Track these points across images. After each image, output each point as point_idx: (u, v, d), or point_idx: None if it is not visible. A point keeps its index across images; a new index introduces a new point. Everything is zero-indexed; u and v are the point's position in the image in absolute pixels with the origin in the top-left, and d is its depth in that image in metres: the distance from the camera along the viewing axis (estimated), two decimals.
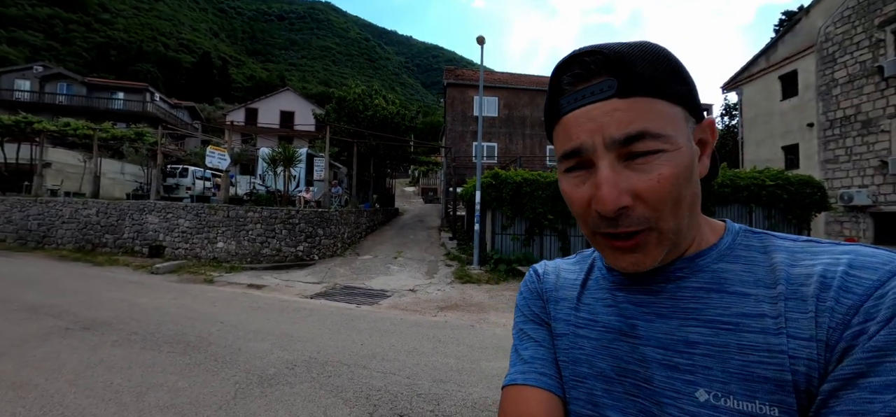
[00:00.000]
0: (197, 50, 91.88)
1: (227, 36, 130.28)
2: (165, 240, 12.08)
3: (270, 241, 11.68)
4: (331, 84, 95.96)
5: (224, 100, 66.61)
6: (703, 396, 0.41)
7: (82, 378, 3.56)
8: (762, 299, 0.42)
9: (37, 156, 16.96)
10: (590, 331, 0.51)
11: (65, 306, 6.09)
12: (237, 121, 33.68)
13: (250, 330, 5.19)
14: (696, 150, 0.46)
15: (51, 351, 4.21)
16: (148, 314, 5.83)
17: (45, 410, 3.00)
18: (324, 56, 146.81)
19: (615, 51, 0.43)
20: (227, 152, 12.98)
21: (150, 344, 4.50)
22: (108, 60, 71.13)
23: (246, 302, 6.96)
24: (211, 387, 3.45)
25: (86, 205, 13.20)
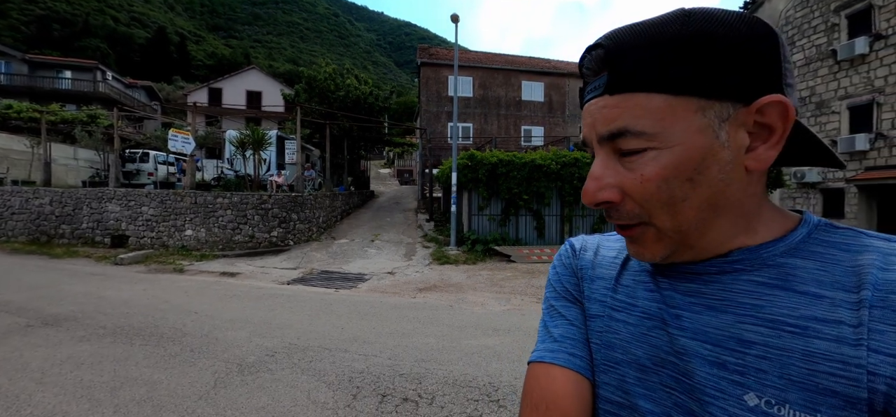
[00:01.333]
0: (151, 24, 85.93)
1: (183, 9, 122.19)
2: (129, 229, 11.53)
3: (242, 228, 11.36)
4: (299, 62, 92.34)
5: (184, 79, 62.96)
6: (752, 400, 0.37)
7: (49, 376, 3.43)
8: (840, 303, 0.37)
9: None
10: (627, 315, 0.48)
11: (22, 302, 5.77)
12: (200, 102, 32.00)
13: (226, 319, 5.10)
14: (736, 140, 0.39)
15: (11, 350, 4.01)
16: (115, 307, 5.61)
17: (12, 411, 2.88)
18: (291, 32, 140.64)
19: (613, 42, 0.41)
20: (191, 135, 12.38)
21: (121, 338, 4.36)
22: (51, 35, 65.49)
23: (220, 291, 6.81)
24: (189, 378, 3.40)
25: (37, 194, 12.35)
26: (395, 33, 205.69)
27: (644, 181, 0.40)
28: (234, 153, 14.29)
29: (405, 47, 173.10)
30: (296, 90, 21.37)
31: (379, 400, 3.04)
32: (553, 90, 24.53)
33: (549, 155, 11.50)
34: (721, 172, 0.40)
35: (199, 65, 77.24)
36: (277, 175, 14.38)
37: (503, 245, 10.85)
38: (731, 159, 0.40)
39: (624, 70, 0.40)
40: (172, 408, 2.92)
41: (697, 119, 0.39)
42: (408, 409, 2.92)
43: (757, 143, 0.40)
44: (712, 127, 0.39)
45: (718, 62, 0.38)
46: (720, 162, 0.39)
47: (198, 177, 13.88)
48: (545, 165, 11.20)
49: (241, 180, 13.47)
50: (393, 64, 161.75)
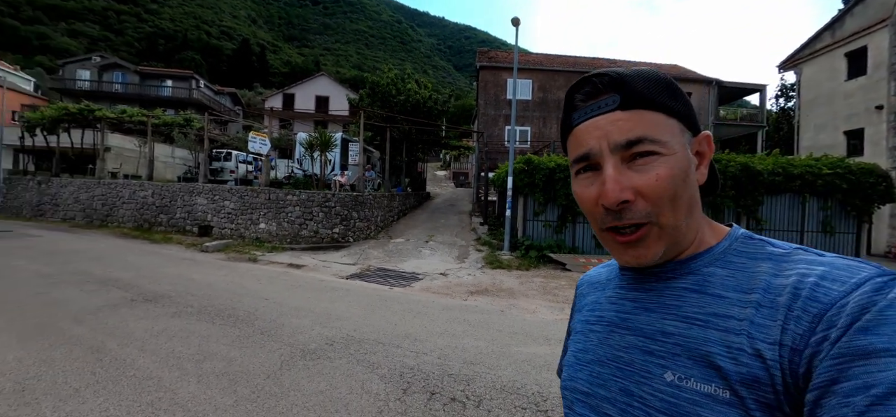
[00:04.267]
0: (237, 37, 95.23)
1: (264, 22, 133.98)
2: (213, 221, 12.89)
3: (308, 223, 12.18)
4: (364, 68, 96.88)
5: (263, 86, 68.91)
6: (669, 377, 0.48)
7: (148, 345, 3.96)
8: (734, 302, 0.47)
9: (98, 141, 18.39)
10: (596, 326, 0.60)
11: (129, 280, 6.70)
12: (275, 107, 34.89)
13: (292, 307, 5.52)
14: (693, 159, 0.53)
15: (120, 320, 4.69)
16: (201, 289, 6.32)
17: (121, 371, 3.38)
18: (357, 40, 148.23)
19: (619, 73, 0.52)
20: (267, 137, 13.55)
21: (205, 317, 4.90)
22: (157, 49, 75.20)
23: (287, 281, 7.38)
24: (259, 358, 3.74)
25: (142, 186, 14.26)
26: (454, 37, 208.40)
27: (659, 179, 0.49)
28: (304, 154, 15.38)
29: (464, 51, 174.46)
30: (360, 95, 22.49)
31: (428, 397, 3.12)
32: None
33: None
34: (693, 179, 0.52)
35: (276, 72, 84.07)
36: (341, 175, 15.23)
37: (558, 252, 10.53)
38: (694, 173, 0.53)
39: (636, 92, 0.50)
40: (245, 383, 3.24)
41: (681, 137, 0.52)
42: (455, 409, 2.96)
43: (700, 164, 0.55)
44: (686, 145, 0.52)
45: (683, 103, 0.53)
46: (692, 171, 0.52)
47: (271, 176, 15.15)
48: None
49: (309, 179, 14.45)
50: (452, 68, 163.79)
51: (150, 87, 33.86)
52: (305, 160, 15.48)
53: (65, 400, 2.90)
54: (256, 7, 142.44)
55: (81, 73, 34.08)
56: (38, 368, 3.39)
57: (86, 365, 3.47)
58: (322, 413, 2.85)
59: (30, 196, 16.76)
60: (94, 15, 79.72)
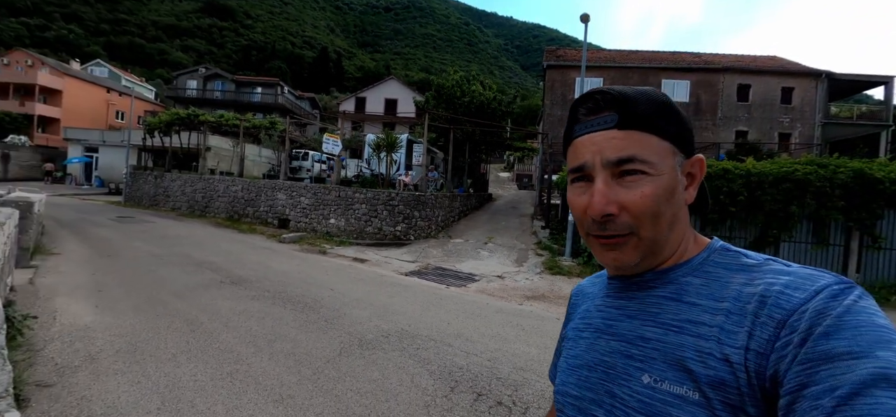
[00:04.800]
0: (317, 45, 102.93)
1: (341, 30, 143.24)
2: (290, 215, 14.11)
3: (373, 220, 12.81)
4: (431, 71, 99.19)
5: (338, 90, 73.71)
6: (646, 379, 0.51)
7: (231, 322, 4.48)
8: (707, 310, 0.51)
9: (201, 141, 21.07)
10: (586, 333, 0.64)
11: (219, 264, 7.60)
12: (348, 110, 37.13)
13: (354, 299, 5.87)
14: (682, 180, 0.57)
15: (211, 298, 5.36)
16: (277, 276, 6.97)
17: (208, 343, 3.87)
18: (425, 43, 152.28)
19: (620, 92, 0.55)
20: (339, 139, 14.50)
21: (279, 301, 5.41)
22: (250, 60, 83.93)
23: (351, 274, 7.84)
24: (321, 343, 4.05)
25: (234, 182, 16.05)
26: (522, 36, 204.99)
27: (643, 197, 0.53)
28: (371, 154, 16.21)
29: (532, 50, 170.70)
30: (426, 97, 23.11)
31: (474, 398, 3.14)
32: (702, 88, 21.28)
33: None
34: (679, 199, 0.56)
35: (350, 77, 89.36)
36: (405, 175, 15.79)
37: None
38: (682, 192, 0.57)
39: (633, 113, 0.54)
40: (307, 364, 3.53)
41: (672, 160, 0.55)
42: (501, 413, 2.95)
43: (689, 185, 0.58)
44: (676, 167, 0.56)
45: (680, 126, 0.57)
46: (679, 191, 0.56)
47: (342, 175, 16.18)
48: None
49: (376, 178, 15.19)
50: (519, 68, 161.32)
51: (243, 94, 37.94)
52: (373, 160, 16.29)
53: (164, 363, 3.40)
54: (335, 16, 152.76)
55: (190, 83, 39.24)
56: (146, 333, 4.01)
57: (182, 335, 4.02)
58: (373, 400, 3.01)
59: (148, 188, 19.72)
60: (202, 32, 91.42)
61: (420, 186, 14.61)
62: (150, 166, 22.34)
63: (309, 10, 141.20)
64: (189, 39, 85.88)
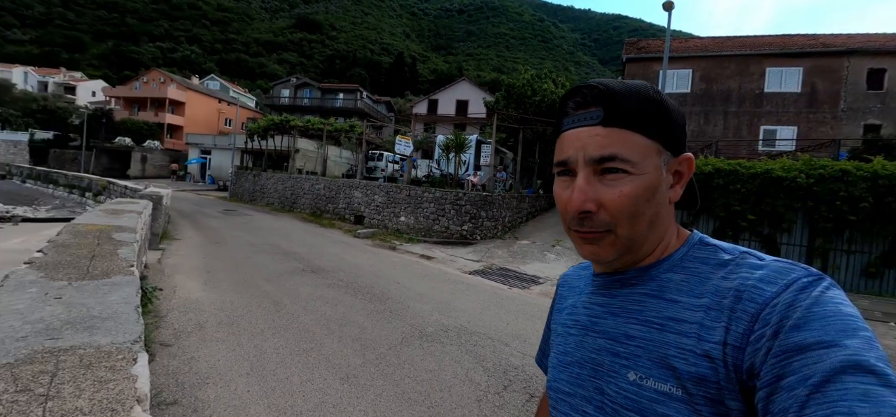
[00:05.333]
0: (393, 51, 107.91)
1: (416, 36, 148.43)
2: (365, 212, 15.06)
3: (440, 219, 13.16)
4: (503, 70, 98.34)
5: (412, 93, 76.52)
6: (632, 377, 0.52)
7: (309, 306, 4.98)
8: (687, 306, 0.51)
9: (291, 144, 23.37)
10: (574, 329, 0.64)
11: (302, 254, 8.43)
12: (420, 112, 38.38)
13: (418, 293, 6.14)
14: (668, 179, 0.56)
15: (294, 284, 5.99)
16: (351, 267, 7.53)
17: (289, 322, 4.36)
18: (497, 43, 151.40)
19: (608, 88, 0.54)
20: (410, 140, 15.13)
21: (350, 290, 5.87)
22: (334, 68, 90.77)
23: (417, 269, 8.18)
24: (386, 331, 4.33)
25: (317, 181, 17.57)
26: (601, 29, 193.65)
27: (622, 196, 0.53)
28: (441, 155, 16.64)
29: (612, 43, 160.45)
30: (496, 97, 23.04)
31: (526, 399, 3.14)
32: (819, 76, 18.25)
33: (796, 164, 8.75)
34: (661, 198, 0.55)
35: (424, 80, 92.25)
36: (473, 175, 15.94)
37: None
38: (665, 191, 0.56)
39: (618, 110, 0.54)
40: (371, 349, 3.81)
41: (657, 159, 0.55)
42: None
43: (675, 184, 0.58)
44: (661, 166, 0.55)
45: (670, 123, 0.56)
46: (661, 191, 0.55)
47: (413, 175, 16.85)
48: (788, 178, 8.57)
49: (444, 178, 15.57)
50: (597, 63, 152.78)
51: (327, 100, 41.19)
52: (442, 160, 16.71)
53: (254, 336, 3.92)
54: (410, 22, 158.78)
55: (283, 92, 43.66)
56: (241, 310, 4.64)
57: (268, 314, 4.59)
58: (428, 388, 3.17)
59: (248, 185, 22.42)
60: (294, 45, 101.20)
61: (487, 186, 14.64)
62: (249, 166, 25.35)
63: (387, 18, 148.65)
64: (284, 53, 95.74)
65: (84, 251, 2.51)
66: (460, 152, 15.14)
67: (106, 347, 1.19)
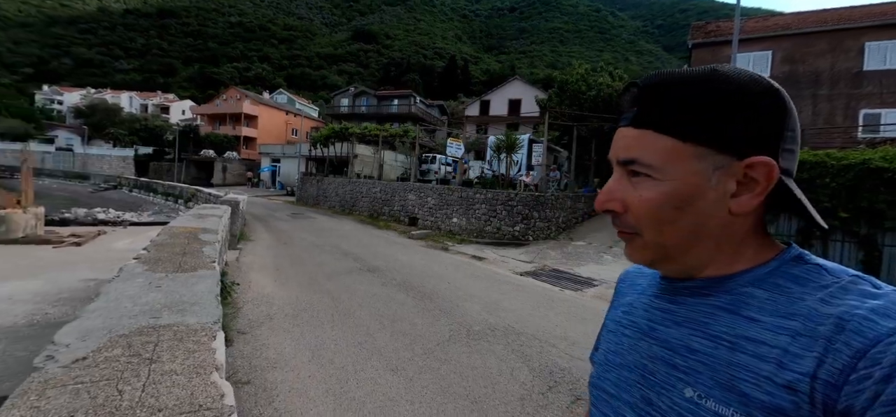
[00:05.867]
0: (446, 55, 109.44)
1: (468, 38, 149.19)
2: (418, 213, 15.51)
3: (492, 220, 13.18)
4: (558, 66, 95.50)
5: (465, 95, 76.97)
6: (689, 393, 0.47)
7: (365, 302, 5.31)
8: (769, 327, 0.45)
9: (349, 150, 24.69)
10: (628, 330, 0.60)
11: (359, 254, 8.93)
12: (472, 114, 38.57)
13: (467, 293, 6.26)
14: (726, 186, 0.48)
15: (352, 281, 6.40)
16: (403, 267, 7.86)
17: (346, 318, 4.70)
18: (551, 38, 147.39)
19: (646, 85, 0.51)
20: (461, 143, 15.34)
21: (403, 289, 6.15)
22: (390, 75, 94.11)
23: (468, 270, 8.30)
24: (434, 328, 4.50)
25: (374, 184, 18.40)
26: (666, 14, 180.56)
27: (642, 201, 0.51)
28: (492, 155, 16.64)
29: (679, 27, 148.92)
30: (549, 95, 22.54)
31: (571, 401, 3.13)
32: None
33: None
34: (706, 208, 0.49)
35: (476, 81, 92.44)
36: (526, 175, 15.76)
37: None
38: (717, 199, 0.49)
39: (648, 111, 0.51)
40: (420, 344, 4.00)
41: (694, 163, 0.48)
42: None
43: (743, 192, 0.49)
44: (705, 172, 0.48)
45: (725, 119, 0.47)
46: (706, 200, 0.49)
47: (467, 176, 17.04)
48: (891, 169, 7.48)
49: (496, 179, 15.56)
50: (661, 50, 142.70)
51: (383, 106, 42.87)
52: (494, 161, 16.71)
53: (315, 328, 4.29)
54: (461, 25, 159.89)
55: (343, 101, 46.16)
56: (305, 305, 5.08)
57: (328, 309, 4.97)
58: (472, 383, 3.28)
59: (312, 190, 24.05)
60: (352, 56, 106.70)
61: (540, 186, 14.40)
62: (313, 172, 27.16)
63: (438, 23, 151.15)
64: (343, 64, 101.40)
65: (177, 249, 2.97)
66: (511, 152, 15.05)
67: (193, 326, 1.47)
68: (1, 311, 3.86)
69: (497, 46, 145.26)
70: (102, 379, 1.02)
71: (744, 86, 0.47)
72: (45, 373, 1.03)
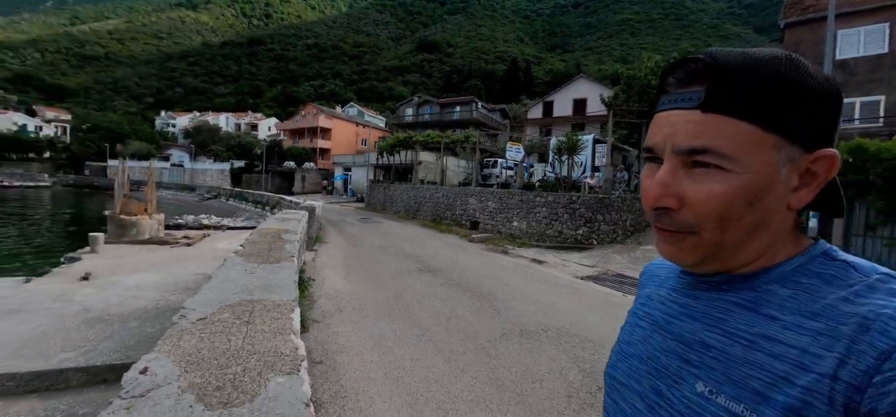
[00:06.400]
0: (507, 58, 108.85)
1: (530, 39, 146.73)
2: (479, 217, 15.73)
3: (553, 224, 12.96)
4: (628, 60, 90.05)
5: (528, 97, 75.79)
6: (700, 387, 0.46)
7: (424, 301, 5.67)
8: (788, 326, 0.43)
9: (413, 158, 25.73)
10: (643, 321, 0.59)
11: (421, 255, 9.39)
12: (535, 116, 37.93)
13: (524, 295, 6.34)
14: (789, 179, 0.46)
15: (412, 280, 6.82)
16: (462, 269, 8.13)
17: (406, 313, 5.07)
18: (620, 31, 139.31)
19: (717, 61, 0.45)
20: (520, 146, 15.30)
21: (460, 289, 6.41)
22: (452, 83, 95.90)
23: (527, 273, 8.33)
24: (488, 326, 4.69)
25: (437, 190, 19.01)
26: None
27: (711, 196, 0.45)
28: (554, 157, 16.34)
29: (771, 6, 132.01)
30: (615, 92, 21.51)
31: None
32: None
33: None
34: (772, 203, 0.46)
35: (539, 82, 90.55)
36: (590, 176, 15.23)
37: None
38: (783, 194, 0.46)
39: (724, 92, 0.44)
40: (473, 340, 4.22)
41: (772, 155, 0.44)
42: None
43: (802, 186, 0.47)
44: (780, 164, 0.45)
45: (804, 111, 0.44)
46: (775, 194, 0.46)
47: (530, 179, 16.92)
48: None
49: (559, 181, 15.25)
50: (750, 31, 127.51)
51: (445, 113, 43.90)
52: (556, 163, 16.39)
53: (377, 320, 4.71)
54: (523, 26, 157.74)
55: (407, 111, 48.10)
56: (370, 300, 5.56)
57: (391, 304, 5.40)
58: (520, 378, 3.42)
59: (379, 196, 25.46)
60: (416, 67, 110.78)
61: (605, 188, 13.83)
62: (380, 179, 28.70)
63: (499, 27, 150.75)
64: (407, 75, 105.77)
65: (265, 246, 3.54)
66: (573, 154, 14.65)
67: (277, 301, 1.87)
68: (135, 297, 4.82)
69: (561, 45, 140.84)
70: (217, 332, 1.43)
71: (817, 76, 0.45)
72: (179, 326, 1.47)
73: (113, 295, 4.84)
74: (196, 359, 1.22)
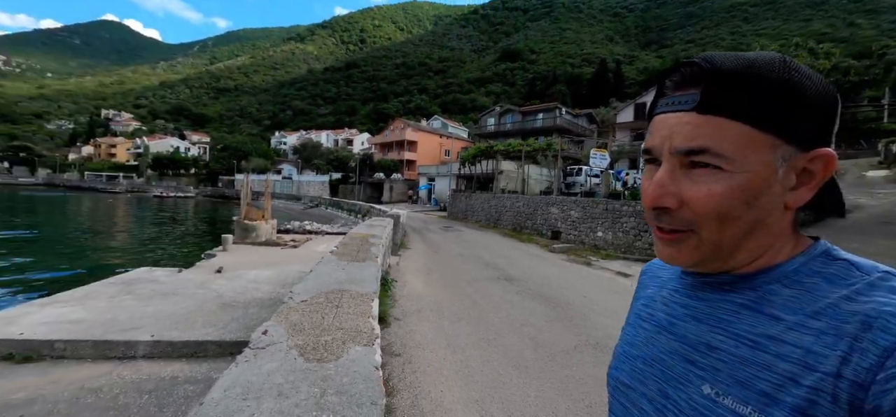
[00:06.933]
0: (595, 60, 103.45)
1: (620, 37, 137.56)
2: (561, 227, 15.25)
3: (643, 235, 12.04)
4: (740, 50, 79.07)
5: (618, 100, 71.11)
6: (707, 389, 0.46)
7: (499, 307, 5.79)
8: (791, 326, 0.44)
9: (495, 167, 25.89)
10: (647, 324, 0.59)
11: (499, 264, 9.49)
12: (625, 120, 35.49)
13: (603, 308, 6.08)
14: (787, 178, 0.47)
15: (489, 287, 6.98)
16: (541, 278, 8.05)
17: (480, 318, 5.26)
18: (731, 17, 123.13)
19: (715, 65, 0.46)
20: (606, 152, 14.53)
21: (536, 298, 6.39)
22: (535, 89, 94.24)
23: (610, 286, 7.92)
24: (561, 337, 4.64)
25: (517, 199, 18.90)
26: None
27: (710, 195, 0.46)
28: (644, 164, 15.17)
29: None
30: None
31: None
32: None
33: None
34: (769, 202, 0.47)
35: (632, 83, 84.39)
36: None
37: None
38: (780, 193, 0.47)
39: (719, 94, 0.46)
40: (544, 349, 4.23)
41: (768, 154, 0.46)
42: None
43: (800, 185, 0.48)
44: (776, 164, 0.46)
45: (800, 111, 0.45)
46: (771, 194, 0.47)
47: (619, 187, 15.97)
48: None
49: None
50: None
51: (527, 121, 43.29)
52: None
53: (453, 322, 4.97)
54: (612, 24, 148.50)
55: (489, 120, 48.49)
56: (447, 303, 5.86)
57: (466, 308, 5.63)
58: (587, 391, 3.37)
59: (461, 205, 26.10)
60: (498, 77, 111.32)
61: None
62: (462, 189, 29.41)
63: (585, 28, 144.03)
64: (490, 85, 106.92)
65: (354, 248, 4.05)
66: None
67: (362, 292, 2.24)
68: (255, 288, 5.77)
69: (657, 40, 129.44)
70: (314, 311, 1.83)
71: (813, 78, 0.46)
72: (287, 305, 1.91)
73: (238, 285, 5.86)
74: (299, 328, 1.60)
